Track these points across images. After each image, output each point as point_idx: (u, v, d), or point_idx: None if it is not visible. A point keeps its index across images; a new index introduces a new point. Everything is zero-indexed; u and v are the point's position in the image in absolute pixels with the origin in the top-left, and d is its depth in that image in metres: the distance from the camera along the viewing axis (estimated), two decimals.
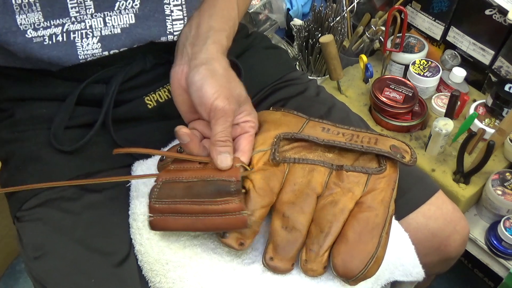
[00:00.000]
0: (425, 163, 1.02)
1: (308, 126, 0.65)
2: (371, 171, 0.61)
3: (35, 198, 0.66)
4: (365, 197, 0.59)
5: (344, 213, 0.58)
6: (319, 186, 0.60)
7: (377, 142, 0.63)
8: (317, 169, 0.61)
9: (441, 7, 1.11)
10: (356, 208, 0.59)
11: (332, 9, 1.20)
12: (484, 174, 0.98)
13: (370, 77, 1.14)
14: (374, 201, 0.59)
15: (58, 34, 0.58)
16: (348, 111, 0.79)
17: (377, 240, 0.56)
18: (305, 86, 0.80)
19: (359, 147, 0.61)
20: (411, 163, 0.62)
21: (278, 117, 0.67)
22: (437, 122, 0.97)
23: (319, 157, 0.62)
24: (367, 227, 0.57)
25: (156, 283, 0.60)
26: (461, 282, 1.26)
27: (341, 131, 0.65)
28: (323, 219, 0.58)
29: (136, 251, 0.63)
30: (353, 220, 0.58)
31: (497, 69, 1.08)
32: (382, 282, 0.64)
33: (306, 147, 0.63)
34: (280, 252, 0.57)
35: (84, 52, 0.61)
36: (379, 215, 0.58)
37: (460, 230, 0.71)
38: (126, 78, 0.67)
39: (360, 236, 0.56)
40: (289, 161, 0.61)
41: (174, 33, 0.65)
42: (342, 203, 0.58)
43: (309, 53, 1.20)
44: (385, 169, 0.61)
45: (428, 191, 0.70)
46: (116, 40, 0.62)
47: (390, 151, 0.62)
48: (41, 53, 0.59)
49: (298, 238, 0.57)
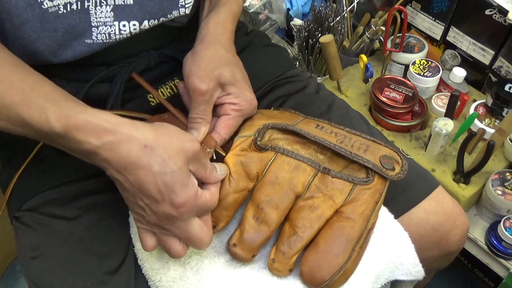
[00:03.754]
0: (425, 163, 1.02)
1: (303, 122, 0.64)
2: (357, 181, 0.59)
3: (35, 198, 0.66)
4: (346, 207, 0.58)
5: (320, 220, 0.57)
6: (300, 185, 0.59)
7: (368, 149, 0.61)
8: (303, 167, 0.60)
9: (441, 7, 1.11)
10: (335, 217, 0.58)
11: (332, 9, 1.21)
12: (484, 174, 0.98)
13: (370, 77, 1.14)
14: (354, 213, 0.57)
15: (72, 3, 0.58)
16: (348, 108, 0.79)
17: (348, 253, 0.56)
18: (305, 83, 0.80)
19: (347, 153, 0.60)
20: (397, 178, 0.60)
21: (274, 113, 0.67)
22: (437, 122, 0.97)
23: (309, 156, 0.61)
24: (341, 239, 0.56)
25: (156, 282, 0.60)
26: (461, 282, 1.25)
27: (335, 131, 0.63)
28: (298, 222, 0.57)
29: (136, 250, 0.63)
30: (328, 229, 0.57)
31: (497, 69, 1.08)
32: (382, 281, 0.64)
33: (300, 142, 0.62)
34: (244, 241, 0.57)
35: (97, 19, 0.60)
36: (355, 228, 0.57)
37: (460, 224, 0.72)
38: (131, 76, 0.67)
39: (332, 247, 0.55)
40: (277, 150, 0.60)
41: (186, 6, 0.65)
42: (321, 210, 0.57)
43: (309, 53, 1.20)
44: (372, 180, 0.60)
45: (429, 187, 0.71)
46: (128, 11, 0.61)
47: (377, 163, 0.60)
48: (56, 22, 0.58)
49: (265, 232, 0.57)
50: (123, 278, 0.61)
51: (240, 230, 0.58)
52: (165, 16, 0.64)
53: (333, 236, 0.56)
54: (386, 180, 0.61)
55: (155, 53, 0.69)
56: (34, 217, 0.65)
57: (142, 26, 0.62)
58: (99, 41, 0.61)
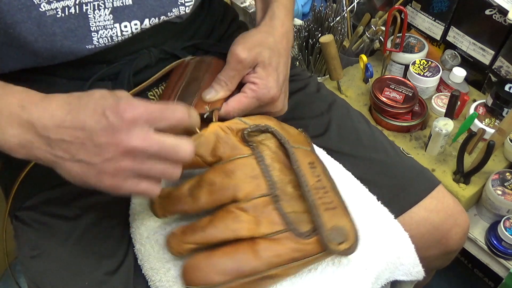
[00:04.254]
0: (425, 163, 1.02)
1: (304, 151, 0.60)
2: (292, 228, 0.54)
3: (35, 197, 0.66)
4: (264, 240, 0.54)
5: (233, 233, 0.54)
6: (243, 194, 0.55)
7: (331, 210, 0.55)
8: (260, 182, 0.56)
9: (441, 7, 1.11)
10: (247, 241, 0.54)
11: (332, 9, 1.21)
12: (484, 174, 0.98)
13: (370, 77, 1.14)
14: (264, 251, 0.53)
15: (71, 7, 0.57)
16: (349, 108, 0.79)
17: (228, 280, 0.52)
18: (305, 82, 0.80)
19: (309, 199, 0.54)
20: (337, 252, 0.54)
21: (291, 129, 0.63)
22: (437, 122, 0.97)
23: (278, 179, 0.57)
24: (234, 262, 0.53)
25: (156, 282, 0.60)
26: (461, 282, 1.26)
27: (322, 178, 0.58)
28: (214, 226, 0.54)
29: (136, 250, 0.63)
30: (231, 247, 0.54)
31: (497, 69, 1.08)
32: (382, 281, 0.64)
33: (283, 164, 0.58)
34: (167, 198, 0.57)
35: (96, 24, 0.60)
36: (253, 264, 0.53)
37: (461, 223, 0.72)
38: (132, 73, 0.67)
39: (220, 263, 0.53)
40: (255, 152, 0.57)
41: (186, 4, 0.65)
42: (241, 226, 0.54)
43: (309, 53, 1.20)
44: (308, 238, 0.54)
45: (429, 185, 0.71)
46: (128, 12, 0.61)
47: (327, 228, 0.54)
48: (54, 26, 0.57)
49: (187, 205, 0.56)
50: (122, 278, 0.61)
51: (172, 189, 0.57)
52: (165, 14, 0.64)
53: (230, 255, 0.53)
54: (323, 248, 0.54)
55: (156, 50, 0.69)
56: (34, 216, 0.65)
57: (143, 25, 0.62)
58: (101, 45, 0.61)
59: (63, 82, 0.66)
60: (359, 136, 0.74)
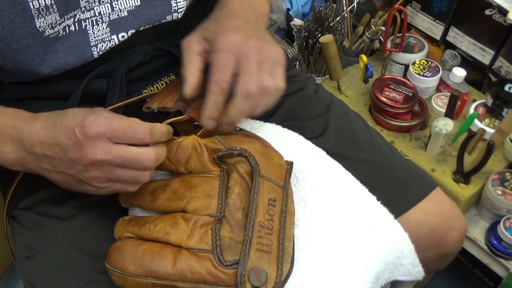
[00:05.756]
0: (425, 163, 1.02)
1: (270, 184, 0.59)
2: (218, 257, 0.54)
3: (30, 197, 0.66)
4: (188, 253, 0.55)
5: (163, 237, 0.56)
6: (193, 208, 0.57)
7: (262, 251, 0.55)
8: (212, 202, 0.57)
9: (441, 7, 1.11)
10: (174, 247, 0.56)
11: (332, 9, 1.21)
12: (484, 174, 0.98)
13: (370, 77, 1.14)
14: (184, 263, 0.54)
15: (70, 25, 0.59)
16: (347, 109, 0.79)
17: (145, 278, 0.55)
18: (303, 83, 0.80)
19: (246, 235, 0.55)
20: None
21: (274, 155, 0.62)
22: (437, 122, 0.97)
23: (232, 203, 0.57)
24: (154, 266, 0.54)
25: None
26: (461, 282, 1.26)
27: (275, 219, 0.57)
28: (154, 224, 0.57)
29: None
30: (157, 248, 0.56)
31: (497, 69, 1.08)
32: (382, 281, 0.64)
33: (247, 190, 0.58)
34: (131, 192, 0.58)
35: (96, 38, 0.62)
36: (171, 272, 0.54)
37: (458, 226, 0.72)
38: (126, 71, 0.68)
39: (135, 255, 0.55)
40: (221, 173, 0.59)
41: (179, 10, 0.66)
42: (172, 233, 0.56)
43: (309, 53, 1.20)
44: (227, 268, 0.54)
45: (427, 188, 0.71)
46: (124, 23, 0.63)
47: (249, 267, 0.53)
48: (57, 44, 0.59)
49: (145, 201, 0.59)
50: None
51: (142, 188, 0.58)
52: (159, 21, 0.66)
53: (152, 253, 0.55)
54: (235, 284, 0.54)
55: (149, 47, 0.69)
56: (29, 216, 0.65)
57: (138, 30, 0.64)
58: (100, 54, 0.63)
59: (57, 80, 0.67)
60: (357, 138, 0.74)
